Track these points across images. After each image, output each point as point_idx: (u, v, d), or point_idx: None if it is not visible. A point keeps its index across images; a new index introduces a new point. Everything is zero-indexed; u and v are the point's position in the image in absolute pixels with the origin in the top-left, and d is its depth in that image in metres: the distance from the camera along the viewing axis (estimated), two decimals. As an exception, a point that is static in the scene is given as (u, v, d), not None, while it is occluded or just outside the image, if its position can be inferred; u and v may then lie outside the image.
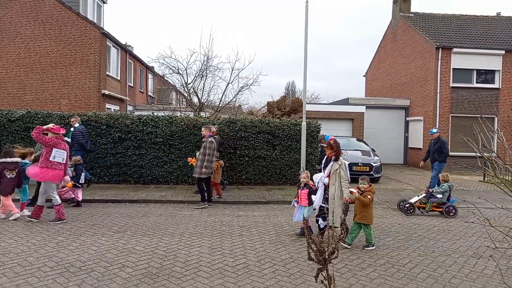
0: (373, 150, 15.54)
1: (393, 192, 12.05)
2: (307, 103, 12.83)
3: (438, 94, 18.75)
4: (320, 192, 6.74)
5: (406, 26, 21.87)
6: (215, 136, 10.84)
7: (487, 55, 18.99)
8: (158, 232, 7.01)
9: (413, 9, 23.74)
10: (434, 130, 11.69)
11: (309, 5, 11.19)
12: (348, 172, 6.70)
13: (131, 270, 5.14)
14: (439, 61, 18.66)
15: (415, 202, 9.22)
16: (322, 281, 3.25)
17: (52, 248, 5.93)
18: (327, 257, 3.20)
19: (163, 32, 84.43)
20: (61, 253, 5.72)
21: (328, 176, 6.72)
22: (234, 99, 16.89)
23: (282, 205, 9.85)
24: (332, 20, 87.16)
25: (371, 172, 13.91)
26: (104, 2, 21.71)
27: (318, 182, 6.83)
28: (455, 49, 18.73)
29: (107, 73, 18.95)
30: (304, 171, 7.26)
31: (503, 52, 18.88)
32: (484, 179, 15.21)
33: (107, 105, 19.05)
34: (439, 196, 9.18)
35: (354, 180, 14.24)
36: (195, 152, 10.51)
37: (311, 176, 7.22)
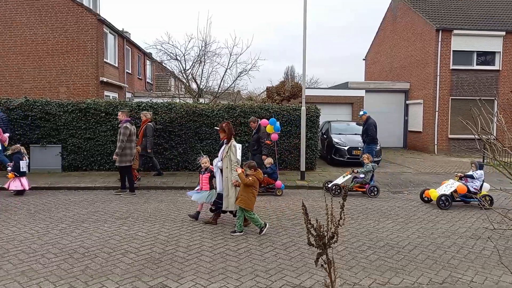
0: (372, 134, 15.52)
1: (393, 176, 12.11)
2: (306, 88, 12.78)
3: (438, 77, 18.65)
4: (218, 176, 6.64)
5: (406, 8, 21.60)
6: (150, 123, 10.71)
7: (487, 37, 18.81)
8: (160, 218, 7.07)
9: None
10: (361, 113, 11.57)
11: (307, -12, 11.04)
12: (239, 155, 6.54)
13: (134, 256, 5.21)
14: (439, 43, 18.49)
15: (341, 183, 9.26)
16: (322, 265, 3.29)
17: (55, 235, 6.00)
18: (326, 241, 3.23)
19: (160, 17, 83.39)
20: (65, 240, 5.79)
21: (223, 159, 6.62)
22: (233, 84, 16.83)
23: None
24: (331, 2, 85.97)
25: (371, 156, 13.93)
26: (99, -12, 21.37)
27: (215, 166, 6.75)
28: (455, 31, 18.55)
29: (104, 60, 18.80)
30: (203, 156, 7.14)
31: (503, 33, 18.70)
32: (483, 161, 15.24)
33: (106, 92, 18.96)
34: (362, 176, 9.26)
35: (354, 164, 14.30)
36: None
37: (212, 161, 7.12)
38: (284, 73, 44.90)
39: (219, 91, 16.64)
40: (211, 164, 7.05)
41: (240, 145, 6.75)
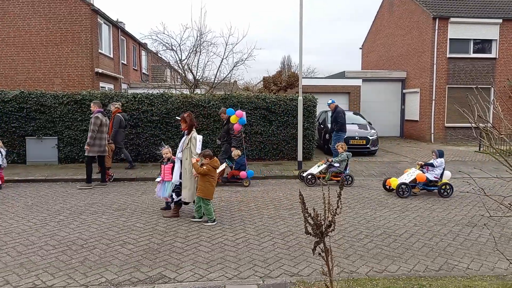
0: (369, 123, 15.55)
1: (390, 165, 12.15)
2: (303, 78, 12.74)
3: (435, 65, 18.62)
4: (177, 167, 6.60)
5: (402, -4, 21.45)
6: (119, 114, 10.51)
7: (484, 24, 18.74)
8: (158, 209, 7.08)
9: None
10: (330, 101, 11.54)
11: (303, -24, 10.90)
12: (199, 147, 6.49)
13: (132, 247, 5.23)
14: (436, 31, 18.42)
15: (316, 173, 9.28)
16: (319, 254, 3.31)
17: (53, 227, 6.00)
18: (324, 230, 3.25)
19: (154, 7, 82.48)
20: (63, 232, 5.79)
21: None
22: (229, 74, 16.71)
23: (279, 180, 9.93)
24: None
25: (368, 145, 13.98)
26: (93, -23, 21.06)
27: (176, 157, 6.69)
28: (452, 19, 18.46)
29: (99, 51, 18.62)
30: (164, 146, 7.07)
31: (500, 20, 18.63)
32: (479, 149, 15.32)
33: (101, 84, 18.82)
34: (337, 165, 9.31)
35: (352, 154, 14.30)
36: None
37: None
38: (281, 63, 44.73)
39: (216, 81, 16.54)
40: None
41: (201, 137, 6.70)
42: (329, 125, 13.25)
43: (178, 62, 16.33)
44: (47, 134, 11.59)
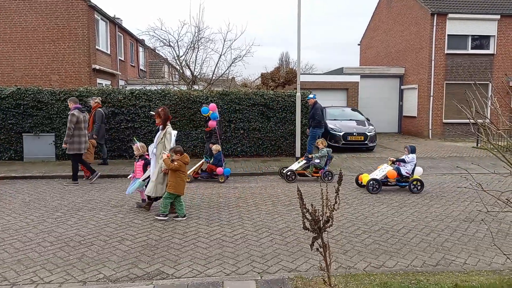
0: (367, 119, 15.56)
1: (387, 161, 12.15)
2: (301, 74, 12.70)
3: (433, 62, 18.62)
4: (152, 162, 6.58)
5: (401, -8, 21.41)
6: (99, 109, 10.45)
7: (482, 20, 18.74)
8: (156, 206, 7.06)
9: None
10: (311, 96, 11.48)
11: (301, -28, 10.85)
12: (173, 142, 6.48)
13: (130, 243, 5.22)
14: (434, 27, 18.41)
15: (296, 169, 9.29)
16: (317, 249, 3.31)
17: (51, 224, 5.99)
18: (321, 226, 3.25)
19: (152, 3, 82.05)
20: (60, 228, 5.78)
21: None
22: (227, 71, 16.67)
23: (277, 176, 9.93)
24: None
25: (366, 142, 13.99)
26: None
27: (151, 153, 6.67)
28: (450, 15, 18.45)
29: (96, 47, 18.54)
30: (135, 142, 7.00)
31: (498, 16, 18.63)
32: (477, 145, 15.37)
33: (98, 80, 18.75)
34: (317, 161, 9.32)
35: (349, 150, 14.32)
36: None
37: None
38: (279, 59, 44.68)
39: (213, 77, 16.50)
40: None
41: (176, 132, 6.71)
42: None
43: (176, 58, 16.28)
44: (44, 130, 11.55)
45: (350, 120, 15.20)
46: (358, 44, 28.72)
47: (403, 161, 8.37)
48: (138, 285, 4.03)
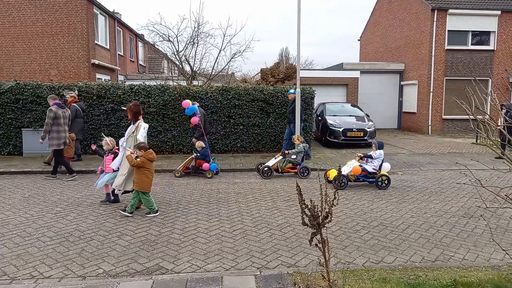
0: (367, 115, 15.55)
1: (387, 157, 12.13)
2: (301, 69, 12.67)
3: (433, 57, 18.57)
4: (119, 156, 6.57)
5: (401, -13, 21.31)
6: (75, 104, 10.30)
7: (482, 16, 18.66)
8: (155, 201, 7.07)
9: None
10: (292, 91, 11.42)
11: (301, -34, 10.79)
12: (143, 136, 6.45)
13: (130, 238, 5.23)
14: (435, 23, 18.33)
15: (272, 165, 9.27)
16: (316, 245, 3.32)
17: (50, 219, 5.99)
18: (320, 221, 3.25)
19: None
20: (60, 223, 5.78)
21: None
22: (227, 66, 16.64)
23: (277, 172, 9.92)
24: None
25: (365, 137, 13.98)
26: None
27: (120, 146, 6.66)
28: (450, 10, 18.37)
29: (95, 42, 18.46)
30: (104, 137, 6.97)
31: (499, 12, 18.55)
32: (476, 141, 15.37)
33: (98, 75, 18.70)
34: (294, 157, 9.32)
35: (348, 145, 14.31)
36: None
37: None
38: (279, 55, 44.47)
39: (213, 73, 16.46)
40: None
41: (147, 125, 6.68)
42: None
43: (175, 53, 16.23)
44: (43, 125, 11.49)
45: (350, 116, 15.18)
46: (358, 40, 28.62)
47: (371, 157, 8.36)
48: (137, 280, 4.04)
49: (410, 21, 20.43)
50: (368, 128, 14.17)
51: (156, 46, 18.63)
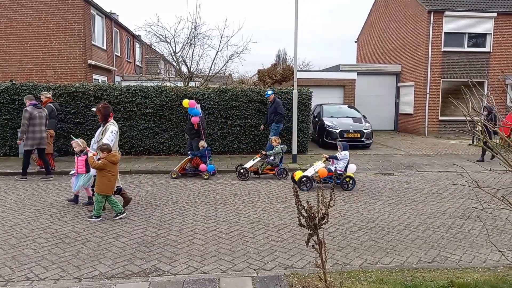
0: (364, 116, 15.57)
1: (384, 158, 12.20)
2: (298, 71, 12.69)
3: (429, 59, 18.64)
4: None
5: (398, -11, 21.39)
6: (50, 104, 10.17)
7: (479, 18, 18.76)
8: (152, 202, 7.06)
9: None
10: (270, 92, 11.41)
11: (299, -32, 10.81)
12: (111, 138, 6.29)
13: (126, 240, 5.21)
14: (431, 25, 18.41)
15: (250, 167, 9.27)
16: (313, 246, 3.31)
17: (46, 220, 5.96)
18: (317, 222, 3.25)
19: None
20: (56, 225, 5.75)
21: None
22: (224, 67, 16.61)
23: (274, 173, 9.93)
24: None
25: (362, 139, 14.01)
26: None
27: (91, 148, 6.58)
28: (447, 12, 18.45)
29: (92, 42, 18.40)
30: (74, 139, 6.83)
31: (495, 14, 18.65)
32: (473, 142, 15.43)
33: (94, 76, 18.64)
34: (272, 158, 9.34)
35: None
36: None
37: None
38: (276, 56, 44.53)
39: (210, 74, 16.44)
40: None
41: (116, 128, 6.51)
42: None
43: (172, 54, 16.20)
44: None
45: (347, 117, 15.21)
46: (355, 41, 28.71)
47: (336, 158, 8.37)
48: (133, 281, 4.02)
49: (407, 23, 20.51)
50: (365, 129, 14.19)
51: (153, 47, 18.58)
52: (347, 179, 8.12)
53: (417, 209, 6.81)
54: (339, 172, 8.23)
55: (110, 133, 6.33)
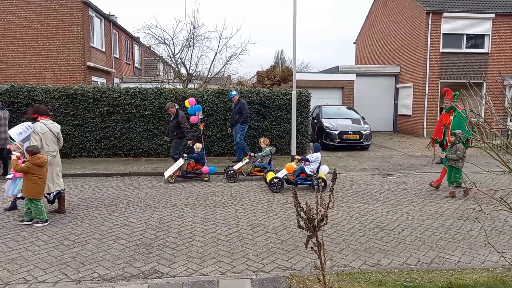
0: (363, 118, 15.59)
1: (383, 159, 12.21)
2: (297, 72, 12.70)
3: (428, 60, 18.67)
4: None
5: (396, -9, 21.44)
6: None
7: (477, 19, 18.80)
8: (151, 204, 7.05)
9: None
10: (234, 93, 11.38)
11: (297, -30, 10.81)
12: (38, 137, 6.13)
13: (125, 242, 5.20)
14: (429, 26, 18.45)
15: (238, 169, 9.25)
16: (312, 248, 3.32)
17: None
18: (316, 224, 3.25)
19: (146, 0, 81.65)
20: (54, 227, 5.74)
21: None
22: (223, 69, 16.61)
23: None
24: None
25: (361, 140, 14.02)
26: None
27: (24, 150, 6.27)
28: (445, 14, 18.50)
29: (91, 44, 18.41)
30: (11, 142, 6.54)
31: (493, 15, 18.70)
32: (470, 143, 15.42)
33: (93, 78, 18.63)
34: (258, 160, 9.35)
35: (344, 148, 14.32)
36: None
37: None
38: (275, 58, 44.54)
39: (209, 75, 16.45)
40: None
41: (44, 127, 6.31)
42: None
43: (171, 56, 16.20)
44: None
45: (346, 118, 15.22)
46: (354, 43, 28.75)
47: (308, 160, 8.38)
48: (132, 284, 4.02)
49: (405, 24, 20.56)
50: (364, 130, 14.20)
51: (152, 48, 18.58)
52: (319, 181, 8.08)
53: (416, 210, 6.82)
54: (310, 173, 8.27)
55: (34, 134, 6.17)
